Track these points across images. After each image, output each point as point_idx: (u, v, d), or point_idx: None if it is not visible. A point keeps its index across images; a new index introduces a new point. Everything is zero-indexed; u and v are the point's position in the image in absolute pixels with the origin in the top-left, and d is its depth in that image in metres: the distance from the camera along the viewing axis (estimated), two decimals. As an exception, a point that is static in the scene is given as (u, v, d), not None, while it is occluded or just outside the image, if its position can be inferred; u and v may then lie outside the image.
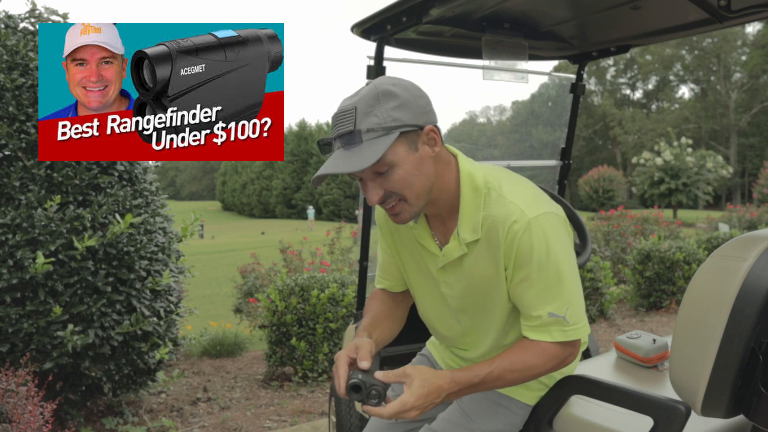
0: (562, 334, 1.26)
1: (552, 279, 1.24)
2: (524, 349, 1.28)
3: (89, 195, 3.10)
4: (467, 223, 1.28)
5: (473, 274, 1.33)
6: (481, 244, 1.29)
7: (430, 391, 1.18)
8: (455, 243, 1.31)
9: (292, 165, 54.99)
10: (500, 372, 1.25)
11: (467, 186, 1.29)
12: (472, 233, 1.28)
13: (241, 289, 6.42)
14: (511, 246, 1.23)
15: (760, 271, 1.15)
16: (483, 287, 1.34)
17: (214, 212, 64.48)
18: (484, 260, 1.30)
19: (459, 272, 1.35)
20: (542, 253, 1.23)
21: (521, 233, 1.22)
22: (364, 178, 1.22)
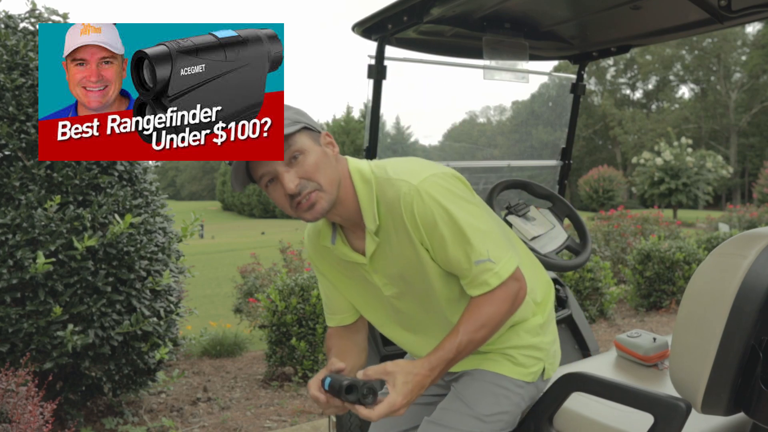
0: (496, 276, 1.31)
1: (462, 230, 1.29)
2: (477, 306, 1.32)
3: (89, 195, 3.10)
4: (368, 214, 1.34)
5: (398, 261, 1.38)
6: (389, 230, 1.35)
7: (414, 386, 1.22)
8: (370, 238, 1.37)
9: (292, 165, 54.95)
10: (468, 337, 1.28)
11: (358, 180, 1.36)
12: (374, 222, 1.34)
13: (241, 289, 6.42)
14: (412, 217, 1.29)
15: (760, 268, 1.15)
16: (413, 270, 1.38)
17: (214, 212, 64.45)
18: (400, 244, 1.35)
19: (387, 266, 1.40)
20: (441, 211, 1.28)
21: (414, 201, 1.28)
22: (279, 173, 1.26)
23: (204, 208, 66.54)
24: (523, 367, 1.49)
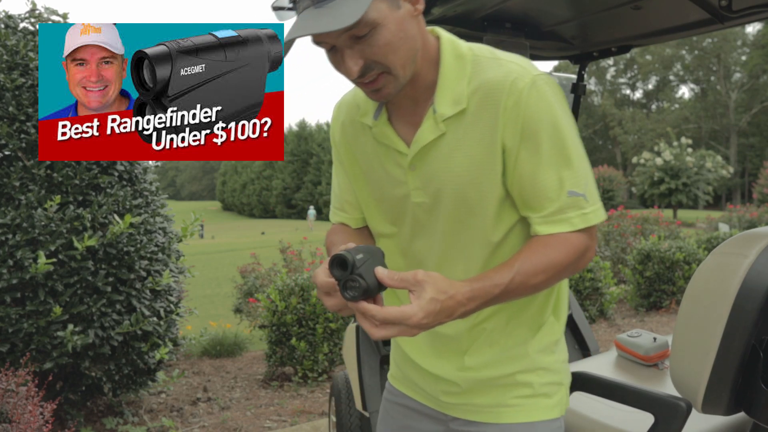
0: (583, 218, 1.02)
1: (567, 149, 1.01)
2: (543, 245, 1.01)
3: (89, 195, 3.10)
4: (448, 94, 1.04)
5: (454, 160, 1.06)
6: (468, 119, 1.03)
7: (443, 309, 0.91)
8: (430, 123, 1.05)
9: (292, 165, 55.01)
10: (523, 278, 0.98)
11: (449, 53, 1.06)
12: (454, 105, 1.03)
13: (241, 289, 6.43)
14: (515, 110, 0.99)
15: (760, 268, 1.15)
16: (467, 177, 1.06)
17: (214, 212, 64.51)
18: (472, 139, 1.04)
19: (434, 165, 1.07)
20: (551, 116, 1.00)
21: (527, 91, 0.99)
22: (338, 46, 0.97)
23: (204, 208, 66.58)
24: (546, 397, 1.17)
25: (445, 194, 1.08)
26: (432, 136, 1.05)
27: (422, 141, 1.06)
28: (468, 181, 1.05)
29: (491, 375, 1.15)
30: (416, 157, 1.08)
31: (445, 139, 1.05)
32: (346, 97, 1.24)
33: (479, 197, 1.06)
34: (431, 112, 1.05)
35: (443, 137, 1.05)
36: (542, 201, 1.02)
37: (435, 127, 1.05)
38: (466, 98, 1.03)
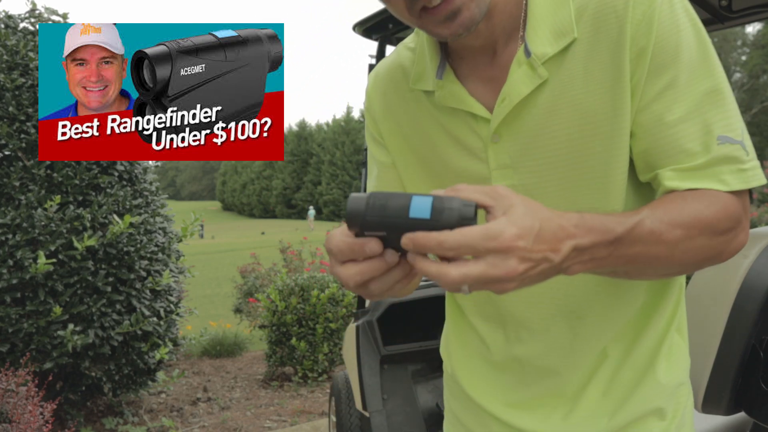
0: (741, 175, 0.69)
1: (713, 77, 0.70)
2: (682, 198, 0.68)
3: (89, 195, 3.10)
4: (544, 28, 0.72)
5: (560, 117, 0.73)
6: (580, 52, 0.71)
7: (543, 229, 0.56)
8: (523, 71, 0.73)
9: (292, 165, 55.06)
10: (657, 223, 0.64)
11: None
12: (557, 38, 0.72)
13: (241, 289, 6.43)
14: (645, 22, 0.68)
15: (760, 268, 1.15)
16: (581, 140, 0.73)
17: (214, 212, 64.56)
18: (587, 80, 0.71)
19: (530, 129, 0.75)
20: (691, 33, 0.70)
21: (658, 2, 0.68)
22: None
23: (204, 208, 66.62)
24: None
25: (547, 170, 0.75)
26: (528, 87, 0.72)
27: (515, 96, 0.73)
28: (583, 145, 0.73)
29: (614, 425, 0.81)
30: (504, 121, 0.75)
31: (546, 89, 0.73)
32: (383, 63, 0.91)
33: (601, 167, 0.73)
34: (522, 57, 0.72)
35: (544, 87, 0.73)
36: (679, 154, 0.69)
37: (532, 74, 0.72)
38: (572, 24, 0.71)
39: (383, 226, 0.54)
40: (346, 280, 0.58)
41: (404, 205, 0.53)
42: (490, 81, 0.77)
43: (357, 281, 0.57)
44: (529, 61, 0.72)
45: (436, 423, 2.23)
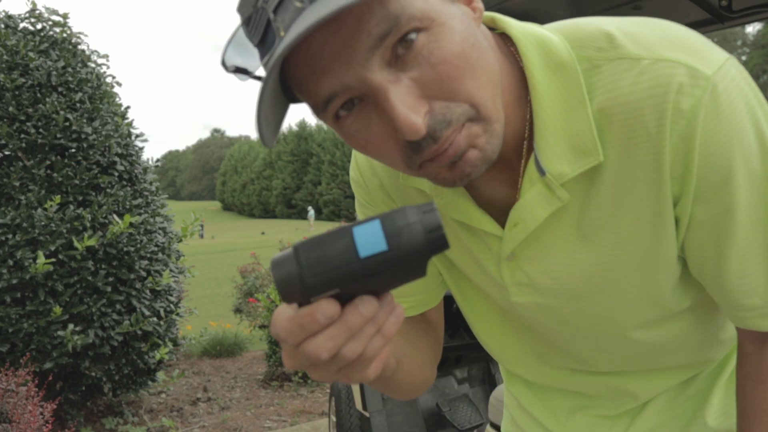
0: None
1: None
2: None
3: (89, 195, 3.10)
4: (558, 140, 0.57)
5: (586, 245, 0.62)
6: (606, 173, 0.57)
7: None
8: (538, 192, 0.59)
9: (292, 165, 55.08)
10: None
11: (539, 68, 0.57)
12: (577, 156, 0.57)
13: (241, 289, 6.43)
14: (685, 146, 0.53)
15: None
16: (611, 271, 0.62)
17: (214, 212, 64.60)
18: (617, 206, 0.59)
19: (549, 253, 0.64)
20: (753, 142, 0.54)
21: (704, 114, 0.52)
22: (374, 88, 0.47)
23: (204, 208, 66.65)
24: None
25: (572, 299, 0.65)
26: (546, 211, 0.60)
27: (530, 222, 0.61)
28: (612, 276, 0.62)
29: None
30: (518, 245, 0.64)
31: (567, 213, 0.60)
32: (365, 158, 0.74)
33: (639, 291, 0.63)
34: (534, 173, 0.59)
35: (566, 209, 0.60)
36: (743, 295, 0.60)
37: (549, 196, 0.59)
38: (594, 141, 0.56)
39: (332, 284, 0.39)
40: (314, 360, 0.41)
41: (348, 244, 0.39)
42: (501, 182, 0.63)
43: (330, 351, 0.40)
44: (544, 180, 0.58)
45: (436, 423, 2.23)
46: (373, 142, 0.51)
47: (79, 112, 3.18)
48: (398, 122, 0.47)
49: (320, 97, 0.49)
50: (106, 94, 3.41)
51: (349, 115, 0.50)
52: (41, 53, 3.20)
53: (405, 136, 0.47)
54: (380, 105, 0.48)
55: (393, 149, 0.51)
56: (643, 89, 0.53)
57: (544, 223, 0.61)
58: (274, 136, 0.49)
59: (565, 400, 0.81)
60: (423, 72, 0.48)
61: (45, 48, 3.22)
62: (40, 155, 3.00)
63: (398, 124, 0.47)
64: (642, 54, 0.53)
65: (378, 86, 0.47)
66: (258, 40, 0.48)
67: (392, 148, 0.51)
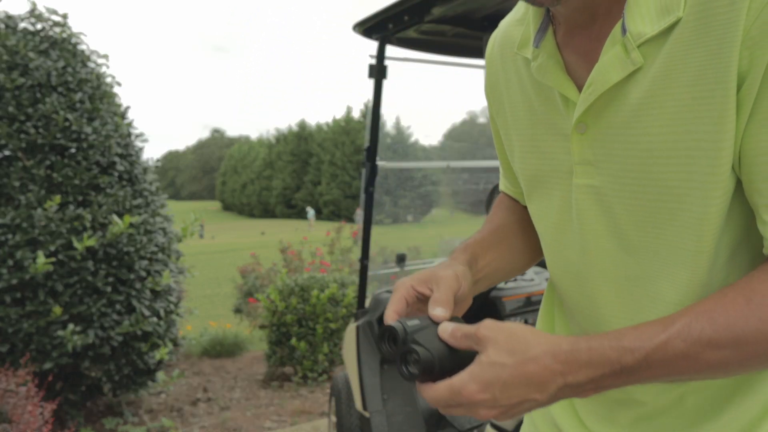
0: None
1: None
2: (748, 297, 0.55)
3: (89, 195, 3.10)
4: (648, 3, 0.58)
5: (653, 114, 0.60)
6: (684, 38, 0.57)
7: (515, 376, 0.56)
8: (616, 52, 0.60)
9: (292, 165, 55.07)
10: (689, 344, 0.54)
11: None
12: (659, 15, 0.58)
13: (241, 289, 6.43)
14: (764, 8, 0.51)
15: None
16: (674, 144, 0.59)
17: (214, 212, 64.63)
18: (688, 73, 0.57)
19: (619, 122, 0.63)
20: None
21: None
22: None
23: (204, 208, 66.65)
24: None
25: (630, 179, 0.64)
26: (619, 74, 0.61)
27: (602, 83, 0.62)
28: (676, 150, 0.59)
29: None
30: (590, 110, 0.65)
31: (640, 79, 0.60)
32: (500, 27, 0.82)
33: (695, 180, 0.59)
34: (618, 34, 0.60)
35: (637, 74, 0.60)
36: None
37: (624, 58, 0.60)
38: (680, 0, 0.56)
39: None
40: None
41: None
42: (586, 54, 0.65)
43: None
44: (623, 40, 0.60)
45: (436, 423, 2.23)
46: None
47: (79, 112, 3.18)
48: None
49: None
50: (106, 94, 3.41)
51: None
52: (41, 53, 3.20)
53: None
54: None
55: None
56: None
57: (615, 89, 0.62)
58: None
59: None
60: None
61: (45, 48, 3.22)
62: (40, 155, 3.00)
63: None
64: None
65: None
66: None
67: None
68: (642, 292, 0.67)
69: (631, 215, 0.65)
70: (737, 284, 0.57)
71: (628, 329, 0.57)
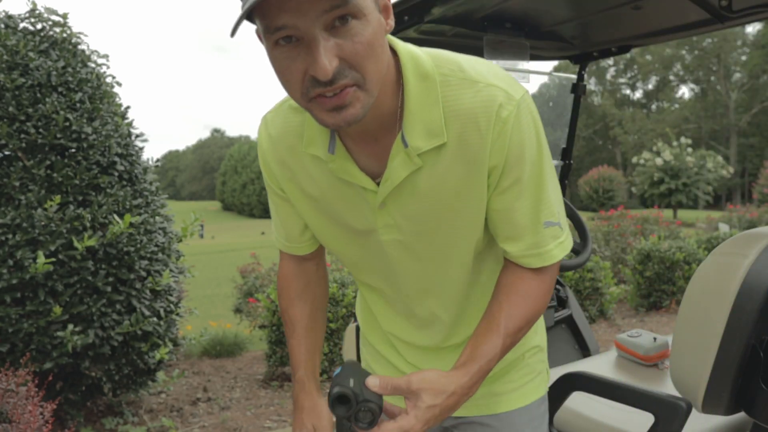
0: (561, 248, 0.97)
1: (543, 177, 0.93)
2: (523, 296, 0.97)
3: (89, 195, 3.10)
4: (418, 123, 0.87)
5: (434, 194, 0.93)
6: (449, 151, 0.89)
7: (442, 411, 0.88)
8: (401, 158, 0.89)
9: (292, 165, 55.02)
10: (512, 337, 0.95)
11: (412, 73, 0.87)
12: (430, 137, 0.87)
13: (241, 289, 6.42)
14: (500, 139, 0.86)
15: (761, 268, 1.15)
16: (449, 211, 0.95)
17: (214, 212, 64.57)
18: (454, 171, 0.90)
19: (408, 199, 0.94)
20: (534, 143, 0.89)
21: (512, 121, 0.86)
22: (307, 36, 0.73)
23: (204, 208, 66.60)
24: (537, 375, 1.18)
25: (422, 230, 0.97)
26: (406, 172, 0.90)
27: (395, 179, 0.90)
28: (451, 215, 0.95)
29: None
30: (388, 195, 0.93)
31: (422, 173, 0.91)
32: (276, 119, 1.01)
33: (464, 230, 0.96)
34: (400, 144, 0.88)
35: (420, 171, 0.90)
36: (520, 232, 0.95)
37: (408, 162, 0.89)
38: (442, 129, 0.87)
39: None
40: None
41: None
42: (374, 156, 0.92)
43: None
44: (406, 151, 0.88)
45: (436, 423, 2.23)
46: (291, 68, 0.75)
47: (79, 112, 3.18)
48: (317, 63, 0.72)
49: (274, 25, 0.72)
50: (106, 94, 3.41)
51: (285, 45, 0.74)
52: (41, 53, 3.20)
53: (317, 74, 0.72)
54: (311, 49, 0.72)
55: (299, 79, 0.76)
56: (479, 102, 0.86)
57: (405, 181, 0.91)
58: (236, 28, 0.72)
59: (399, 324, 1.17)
60: (345, 42, 0.73)
61: (45, 48, 3.22)
62: (40, 155, 3.00)
63: (317, 65, 0.72)
64: (479, 79, 0.87)
65: (317, 37, 0.72)
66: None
67: (299, 78, 0.76)
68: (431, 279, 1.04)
69: (426, 249, 1.00)
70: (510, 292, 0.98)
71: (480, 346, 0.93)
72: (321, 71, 0.72)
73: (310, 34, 0.72)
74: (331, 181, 0.97)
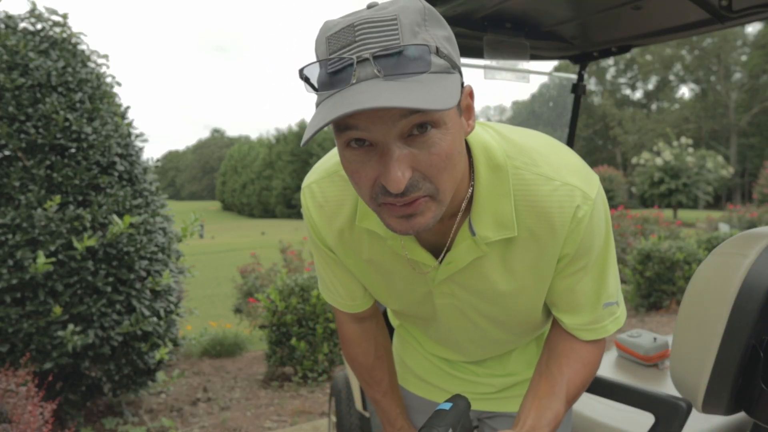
0: (615, 323, 1.00)
1: (607, 262, 0.95)
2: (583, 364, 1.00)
3: (89, 195, 3.10)
4: (488, 215, 0.86)
5: (496, 279, 0.94)
6: (519, 243, 0.90)
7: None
8: (468, 245, 0.89)
9: (292, 165, 55.06)
10: (571, 404, 0.99)
11: (484, 164, 0.85)
12: (499, 228, 0.87)
13: (241, 289, 6.42)
14: (574, 235, 0.87)
15: (761, 268, 1.15)
16: (510, 294, 0.97)
17: (214, 212, 64.58)
18: (522, 261, 0.92)
19: (470, 279, 0.95)
20: (603, 236, 0.91)
21: (587, 219, 0.86)
22: (381, 143, 0.68)
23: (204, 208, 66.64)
24: None
25: (480, 304, 1.00)
26: (471, 257, 0.90)
27: (459, 263, 0.91)
28: (512, 295, 0.97)
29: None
30: (445, 270, 0.94)
31: (487, 259, 0.91)
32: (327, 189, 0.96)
33: (523, 306, 1.00)
34: (467, 232, 0.88)
35: (485, 256, 0.91)
36: (579, 309, 0.97)
37: (475, 249, 0.89)
38: (513, 222, 0.86)
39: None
40: None
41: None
42: (436, 234, 0.91)
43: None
44: (473, 238, 0.88)
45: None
46: (361, 173, 0.71)
47: (79, 112, 3.18)
48: (389, 175, 0.67)
49: (349, 126, 0.67)
50: (106, 94, 3.41)
51: (358, 148, 0.69)
52: (41, 53, 3.20)
53: (388, 185, 0.67)
54: (384, 157, 0.67)
55: (369, 185, 0.71)
56: (555, 201, 0.85)
57: (469, 264, 0.92)
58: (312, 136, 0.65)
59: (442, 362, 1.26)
60: (421, 153, 0.68)
61: (45, 48, 3.22)
62: (40, 155, 3.00)
63: (389, 176, 0.67)
64: (554, 177, 0.85)
65: (390, 146, 0.67)
66: (334, 70, 0.66)
67: (369, 184, 0.71)
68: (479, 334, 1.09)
69: (479, 317, 1.04)
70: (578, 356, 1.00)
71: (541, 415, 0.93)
72: (393, 184, 0.67)
73: (384, 141, 0.67)
74: (388, 253, 0.96)
